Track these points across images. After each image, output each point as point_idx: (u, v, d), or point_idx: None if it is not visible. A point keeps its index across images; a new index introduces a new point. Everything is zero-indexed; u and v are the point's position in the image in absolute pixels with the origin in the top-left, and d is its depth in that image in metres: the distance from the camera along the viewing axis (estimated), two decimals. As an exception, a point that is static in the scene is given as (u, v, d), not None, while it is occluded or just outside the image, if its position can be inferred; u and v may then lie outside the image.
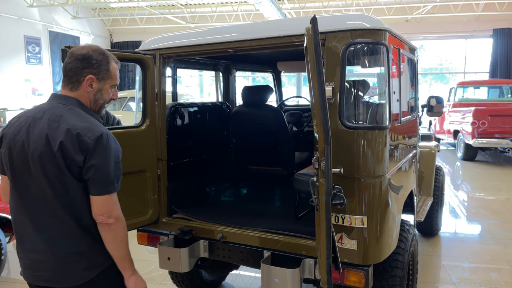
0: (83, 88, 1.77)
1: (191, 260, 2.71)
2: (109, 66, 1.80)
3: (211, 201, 3.67)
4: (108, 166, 1.67)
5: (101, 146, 1.65)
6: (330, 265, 1.91)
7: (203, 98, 17.80)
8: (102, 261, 1.76)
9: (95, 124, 1.70)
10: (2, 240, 3.69)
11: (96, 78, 1.78)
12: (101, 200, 1.67)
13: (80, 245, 1.72)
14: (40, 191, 1.68)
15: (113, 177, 1.69)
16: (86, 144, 1.63)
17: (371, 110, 2.56)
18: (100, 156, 1.65)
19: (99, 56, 1.78)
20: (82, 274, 1.72)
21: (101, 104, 1.85)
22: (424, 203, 4.17)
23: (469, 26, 14.46)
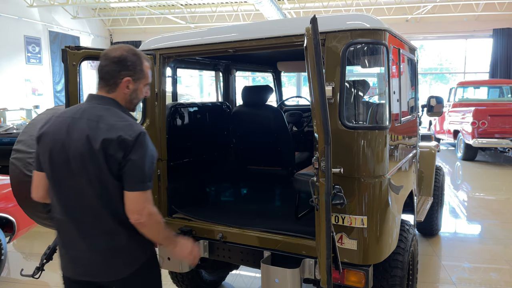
0: (121, 89, 1.81)
1: (191, 260, 2.71)
2: (142, 66, 1.85)
3: (211, 201, 3.67)
4: (144, 164, 1.71)
5: (140, 143, 1.70)
6: (330, 265, 1.91)
7: (203, 98, 17.80)
8: (139, 256, 1.83)
9: (133, 123, 1.76)
10: (2, 240, 3.69)
11: (132, 79, 1.82)
12: (134, 196, 1.71)
13: (119, 241, 1.78)
14: (80, 190, 1.73)
15: (148, 175, 1.73)
16: (127, 142, 1.67)
17: (371, 110, 2.56)
18: (138, 153, 1.70)
19: (133, 57, 1.82)
20: (122, 270, 1.80)
21: (135, 103, 1.90)
22: (424, 203, 4.17)
23: (469, 26, 14.47)
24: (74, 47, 2.34)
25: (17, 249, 4.81)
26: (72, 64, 2.32)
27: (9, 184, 2.56)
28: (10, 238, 3.87)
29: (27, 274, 2.40)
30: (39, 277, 2.47)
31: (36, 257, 4.51)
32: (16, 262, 4.48)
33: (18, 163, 2.37)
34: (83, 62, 2.43)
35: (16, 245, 4.90)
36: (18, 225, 3.85)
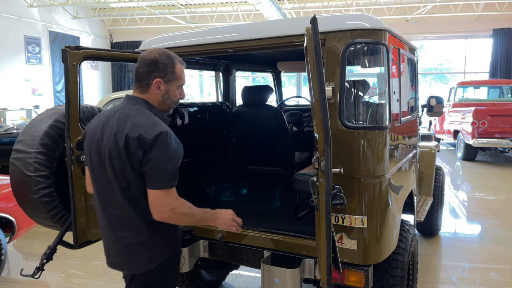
0: (152, 90, 1.89)
1: (191, 260, 2.71)
2: (174, 68, 1.91)
3: (211, 201, 3.67)
4: (164, 162, 1.76)
5: (160, 142, 1.75)
6: (330, 265, 1.91)
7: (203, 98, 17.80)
8: (162, 254, 1.92)
9: (158, 123, 1.81)
10: (2, 240, 3.69)
11: (163, 81, 1.89)
12: (156, 194, 1.78)
13: (142, 237, 1.87)
14: (109, 184, 1.85)
15: (169, 174, 1.79)
16: (146, 141, 1.74)
17: (371, 110, 2.56)
18: (158, 152, 1.75)
19: (166, 60, 1.89)
20: (145, 264, 1.90)
21: (169, 104, 1.96)
22: (424, 203, 4.17)
23: (469, 26, 14.46)
24: (74, 47, 2.34)
25: (17, 249, 4.81)
26: (72, 64, 2.32)
27: (9, 184, 2.56)
28: (10, 238, 3.87)
29: (27, 274, 2.40)
30: (39, 277, 2.47)
31: (36, 257, 4.52)
32: (16, 262, 4.48)
33: (18, 163, 2.38)
34: (83, 62, 2.43)
35: (16, 245, 4.90)
36: (18, 225, 3.85)
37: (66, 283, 3.86)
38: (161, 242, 1.91)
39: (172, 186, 1.81)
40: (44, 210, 2.41)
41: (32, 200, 2.39)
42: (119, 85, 16.91)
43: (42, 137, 2.38)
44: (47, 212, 2.42)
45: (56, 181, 2.43)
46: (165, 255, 1.94)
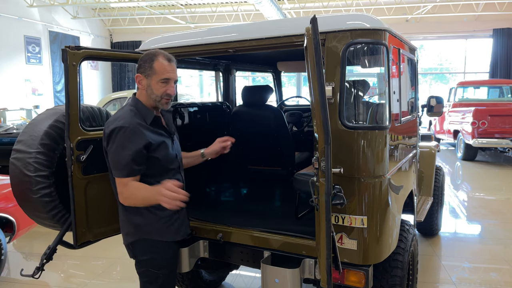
0: (138, 86, 2.13)
1: (191, 260, 2.71)
2: (152, 64, 2.07)
3: (211, 201, 3.67)
4: (115, 154, 2.03)
5: (113, 136, 2.01)
6: (330, 265, 1.91)
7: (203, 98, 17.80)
8: (133, 233, 2.18)
9: (119, 118, 2.05)
10: (2, 240, 3.69)
11: (144, 76, 2.09)
12: (116, 181, 2.07)
13: (120, 215, 2.24)
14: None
15: (119, 165, 2.02)
16: (105, 134, 2.05)
17: (371, 110, 2.56)
18: (111, 145, 2.03)
19: (146, 57, 2.09)
20: (124, 238, 2.23)
21: (155, 98, 2.11)
22: (424, 203, 4.17)
23: (469, 26, 14.46)
24: (74, 47, 2.34)
25: (17, 249, 4.81)
26: (72, 64, 2.32)
27: (9, 184, 2.56)
28: (10, 238, 3.87)
29: (27, 274, 2.40)
30: (39, 277, 2.47)
31: (36, 257, 4.52)
32: (16, 262, 4.48)
33: (18, 163, 2.38)
34: (83, 62, 2.43)
35: (16, 245, 4.90)
36: (18, 225, 3.85)
37: (66, 283, 3.86)
38: (130, 223, 2.17)
39: (123, 176, 2.02)
40: (44, 210, 2.41)
41: (32, 200, 2.39)
42: (119, 85, 16.91)
43: (42, 137, 2.38)
44: (47, 212, 2.42)
45: (56, 181, 2.42)
46: (137, 236, 2.17)
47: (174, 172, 2.27)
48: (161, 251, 2.22)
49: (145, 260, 2.20)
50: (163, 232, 2.21)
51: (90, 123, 2.56)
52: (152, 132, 2.13)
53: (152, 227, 2.18)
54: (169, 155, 2.23)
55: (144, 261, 2.21)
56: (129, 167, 2.02)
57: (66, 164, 2.37)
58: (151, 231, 2.18)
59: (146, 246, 2.19)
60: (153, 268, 2.20)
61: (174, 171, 2.27)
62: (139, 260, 2.22)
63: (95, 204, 2.49)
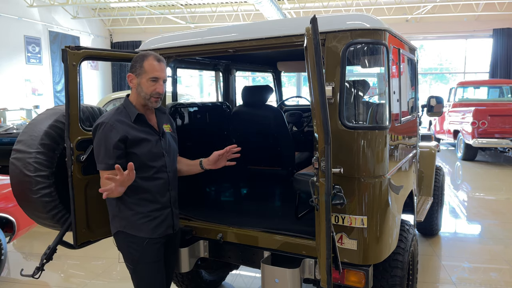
0: (131, 86, 2.19)
1: (191, 260, 2.71)
2: (142, 63, 2.13)
3: (211, 201, 3.67)
4: (95, 148, 2.13)
5: (96, 132, 2.12)
6: (330, 265, 1.91)
7: (203, 98, 17.80)
8: (114, 225, 2.25)
9: (104, 116, 2.15)
10: (2, 240, 3.69)
11: (134, 75, 2.15)
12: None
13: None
14: None
15: (98, 158, 2.12)
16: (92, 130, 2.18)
17: (371, 110, 2.56)
18: (94, 139, 2.14)
19: (137, 57, 2.16)
20: (111, 228, 2.29)
21: (144, 96, 2.16)
22: (424, 203, 4.17)
23: (469, 26, 14.46)
24: (74, 47, 2.34)
25: (17, 249, 4.81)
26: (72, 64, 2.32)
27: (9, 184, 2.56)
28: (10, 238, 3.87)
29: (27, 274, 2.40)
30: (39, 277, 2.47)
31: (36, 257, 4.52)
32: (16, 262, 4.48)
33: (18, 163, 2.38)
34: (83, 62, 2.43)
35: (16, 245, 4.90)
36: (18, 225, 3.85)
37: (66, 283, 3.86)
38: (112, 215, 2.25)
39: (101, 169, 2.11)
40: (44, 210, 2.41)
41: (32, 200, 2.39)
42: (119, 85, 16.90)
43: (42, 137, 2.38)
44: (47, 212, 2.42)
45: (56, 181, 2.43)
46: (115, 228, 2.24)
47: (157, 170, 2.22)
48: (136, 246, 2.21)
49: (124, 253, 2.26)
50: (138, 228, 2.20)
51: (90, 123, 2.56)
52: (132, 129, 2.14)
53: (127, 221, 2.20)
54: (151, 152, 2.21)
55: (123, 254, 2.26)
56: (105, 161, 2.09)
57: (66, 164, 2.37)
58: (126, 225, 2.20)
59: (123, 239, 2.23)
60: (129, 263, 2.24)
61: (156, 169, 2.22)
62: (120, 252, 2.28)
63: (95, 204, 2.49)
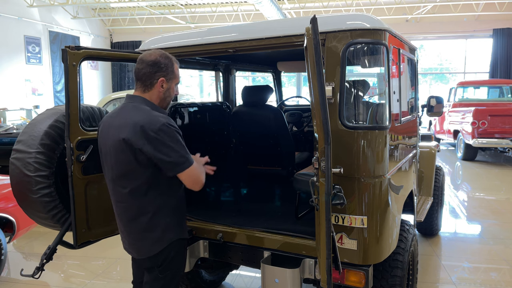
0: (156, 89, 2.08)
1: (191, 260, 2.71)
2: (173, 68, 2.12)
3: (211, 201, 3.67)
4: (170, 152, 1.96)
5: (164, 134, 1.95)
6: (330, 265, 1.91)
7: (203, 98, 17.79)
8: (162, 239, 2.07)
9: (155, 116, 1.97)
10: (2, 240, 3.69)
11: (166, 79, 2.10)
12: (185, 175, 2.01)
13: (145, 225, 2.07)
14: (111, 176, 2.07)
15: (186, 155, 2.04)
16: (149, 134, 1.92)
17: (371, 110, 2.56)
18: (162, 143, 1.94)
19: (166, 60, 2.09)
20: (149, 249, 2.07)
21: (169, 101, 2.17)
22: (424, 203, 4.17)
23: (469, 26, 14.46)
24: (74, 47, 2.34)
25: (17, 249, 4.81)
26: (72, 64, 2.32)
27: (9, 184, 2.56)
28: (10, 238, 3.87)
29: (27, 274, 2.40)
30: (39, 277, 2.47)
31: (36, 257, 4.52)
32: (16, 262, 4.48)
33: (18, 163, 2.38)
34: (83, 62, 2.43)
35: (16, 245, 4.90)
36: (18, 225, 3.85)
37: (66, 283, 3.86)
38: (159, 227, 2.12)
39: (191, 163, 2.07)
40: (44, 210, 2.41)
41: (32, 200, 2.39)
42: (119, 85, 16.90)
43: (42, 137, 2.38)
44: (47, 212, 2.42)
45: (56, 181, 2.43)
46: (166, 241, 2.12)
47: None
48: (184, 248, 2.23)
49: (172, 263, 2.13)
50: (185, 229, 2.22)
51: (90, 123, 2.56)
52: None
53: (180, 227, 2.15)
54: None
55: (171, 264, 2.12)
56: (188, 153, 2.04)
57: (66, 164, 2.37)
58: (179, 231, 2.14)
59: (175, 248, 2.12)
60: (178, 269, 2.18)
61: None
62: (166, 264, 2.11)
63: (95, 204, 2.49)
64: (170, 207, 2.09)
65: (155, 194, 2.03)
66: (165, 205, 2.06)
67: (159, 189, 2.03)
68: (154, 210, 2.04)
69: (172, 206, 2.10)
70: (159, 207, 2.04)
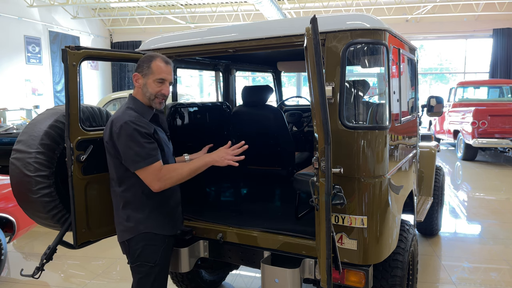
0: (135, 85, 2.24)
1: (191, 260, 2.71)
2: (150, 64, 2.18)
3: (211, 201, 3.67)
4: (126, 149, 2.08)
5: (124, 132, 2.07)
6: (330, 265, 1.91)
7: (203, 98, 17.80)
8: (132, 229, 2.21)
9: (121, 116, 2.11)
10: (2, 240, 3.69)
11: (141, 75, 2.21)
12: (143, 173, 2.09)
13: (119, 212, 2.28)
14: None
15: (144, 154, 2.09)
16: (113, 130, 2.10)
17: (371, 110, 2.56)
18: (120, 140, 2.08)
19: (144, 58, 2.22)
20: (121, 235, 2.27)
21: (149, 96, 2.21)
22: (424, 203, 4.17)
23: (469, 26, 14.47)
24: (74, 47, 2.34)
25: (17, 249, 4.81)
26: (72, 64, 2.32)
27: (9, 184, 2.56)
28: (10, 238, 3.87)
29: (27, 274, 2.40)
30: (39, 277, 2.47)
31: (36, 257, 4.52)
32: (16, 262, 4.48)
33: (18, 163, 2.38)
34: (83, 62, 2.43)
35: (16, 245, 4.90)
36: (18, 225, 3.86)
37: (66, 283, 3.86)
38: (130, 219, 2.27)
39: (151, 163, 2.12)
40: (44, 210, 2.41)
41: (32, 200, 2.39)
42: (119, 85, 16.91)
43: (42, 137, 2.37)
44: (47, 212, 2.42)
45: (56, 181, 2.42)
46: (136, 231, 2.26)
47: None
48: (158, 244, 2.26)
49: (141, 255, 2.24)
50: (163, 226, 2.28)
51: (90, 123, 2.56)
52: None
53: (153, 221, 2.24)
54: (169, 151, 2.34)
55: (140, 255, 2.24)
56: (152, 153, 2.10)
57: (66, 164, 2.37)
58: (152, 225, 2.24)
59: (144, 240, 2.22)
60: (148, 262, 2.24)
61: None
62: (136, 254, 2.24)
63: (95, 204, 2.49)
64: (139, 202, 2.21)
65: (125, 187, 2.20)
66: (134, 199, 2.20)
67: (128, 183, 2.19)
68: (124, 201, 2.22)
69: (142, 200, 2.21)
70: (128, 199, 2.21)
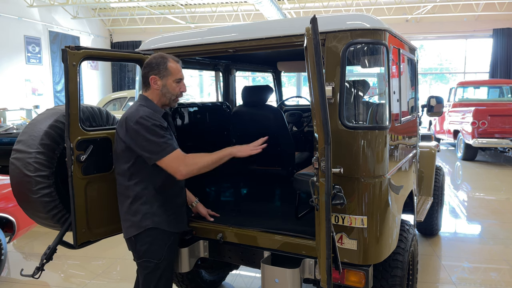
0: (152, 87, 2.27)
1: (191, 260, 2.71)
2: (166, 65, 2.25)
3: (211, 201, 3.66)
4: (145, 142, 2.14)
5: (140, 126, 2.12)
6: (330, 265, 1.91)
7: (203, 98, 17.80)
8: (138, 224, 2.24)
9: (135, 112, 2.17)
10: (2, 240, 3.69)
11: (159, 77, 2.26)
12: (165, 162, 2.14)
13: (125, 208, 2.31)
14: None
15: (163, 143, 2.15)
16: (129, 125, 2.15)
17: (371, 110, 2.56)
18: (139, 134, 2.13)
19: (158, 59, 2.26)
20: (127, 231, 2.29)
21: (170, 97, 2.30)
22: (424, 203, 4.17)
23: (469, 26, 14.47)
24: (74, 47, 2.34)
25: (17, 249, 4.81)
26: (72, 64, 2.32)
27: (9, 184, 2.56)
28: (10, 238, 3.87)
29: (27, 274, 2.40)
30: (39, 277, 2.47)
31: (36, 257, 4.52)
32: (16, 262, 4.48)
33: (18, 163, 2.38)
34: (83, 62, 2.43)
35: (16, 245, 4.90)
36: (18, 225, 3.86)
37: (66, 283, 3.87)
38: (137, 213, 2.31)
39: (172, 150, 2.18)
40: (44, 210, 2.41)
41: (32, 200, 2.39)
42: (119, 85, 16.91)
43: (42, 137, 2.37)
44: (47, 212, 2.42)
45: (56, 181, 2.43)
46: (142, 227, 2.29)
47: None
48: (164, 240, 2.30)
49: (147, 251, 2.26)
50: (169, 222, 2.32)
51: (90, 123, 2.56)
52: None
53: (160, 217, 2.27)
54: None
55: (146, 251, 2.26)
56: (172, 142, 2.17)
57: (66, 164, 2.37)
58: (159, 221, 2.27)
59: (150, 237, 2.25)
60: (153, 259, 2.27)
61: None
62: (142, 251, 2.27)
63: (95, 204, 2.49)
64: (149, 196, 2.25)
65: (136, 181, 2.23)
66: (144, 193, 2.24)
67: (139, 177, 2.23)
68: (134, 195, 2.24)
69: (151, 195, 2.25)
70: (138, 193, 2.24)
